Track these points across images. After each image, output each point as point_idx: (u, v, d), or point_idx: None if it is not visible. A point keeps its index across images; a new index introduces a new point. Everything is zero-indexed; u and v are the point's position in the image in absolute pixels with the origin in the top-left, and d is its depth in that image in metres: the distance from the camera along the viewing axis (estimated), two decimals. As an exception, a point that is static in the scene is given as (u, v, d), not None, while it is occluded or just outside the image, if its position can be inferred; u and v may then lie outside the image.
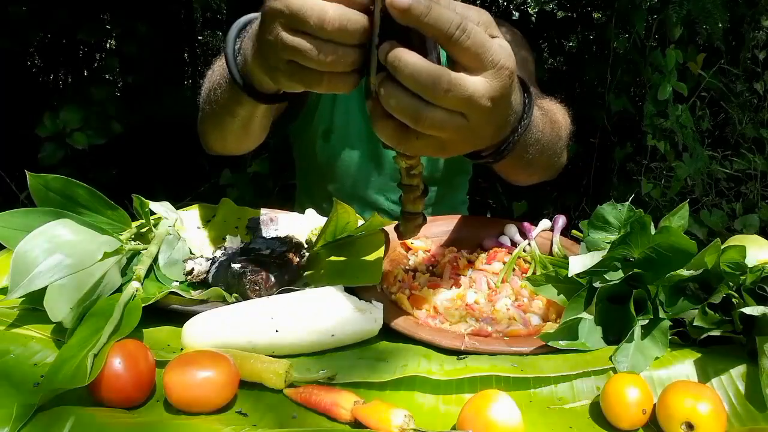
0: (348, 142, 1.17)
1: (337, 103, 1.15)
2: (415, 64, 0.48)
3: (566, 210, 2.32)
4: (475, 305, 0.74)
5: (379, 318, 0.64)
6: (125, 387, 0.53)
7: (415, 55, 0.49)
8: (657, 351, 0.61)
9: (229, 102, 0.75)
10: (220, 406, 0.54)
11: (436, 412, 0.56)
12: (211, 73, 0.85)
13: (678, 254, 0.64)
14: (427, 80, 0.48)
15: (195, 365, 0.53)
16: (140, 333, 0.63)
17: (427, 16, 0.47)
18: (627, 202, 0.73)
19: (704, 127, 2.04)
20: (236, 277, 0.69)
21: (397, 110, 0.51)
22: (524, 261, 0.83)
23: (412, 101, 0.50)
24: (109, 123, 1.86)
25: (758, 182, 1.97)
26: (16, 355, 0.60)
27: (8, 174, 1.96)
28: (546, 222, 0.89)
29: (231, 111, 0.77)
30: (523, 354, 0.63)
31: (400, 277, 0.78)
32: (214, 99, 0.81)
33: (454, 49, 0.49)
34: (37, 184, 0.72)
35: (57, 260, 0.63)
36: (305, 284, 0.73)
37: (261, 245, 0.74)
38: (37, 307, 0.62)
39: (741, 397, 0.58)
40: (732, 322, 0.62)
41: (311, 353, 0.63)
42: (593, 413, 0.57)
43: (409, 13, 0.47)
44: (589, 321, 0.65)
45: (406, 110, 0.50)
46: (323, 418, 0.54)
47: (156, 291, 0.68)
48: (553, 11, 2.76)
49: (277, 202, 2.04)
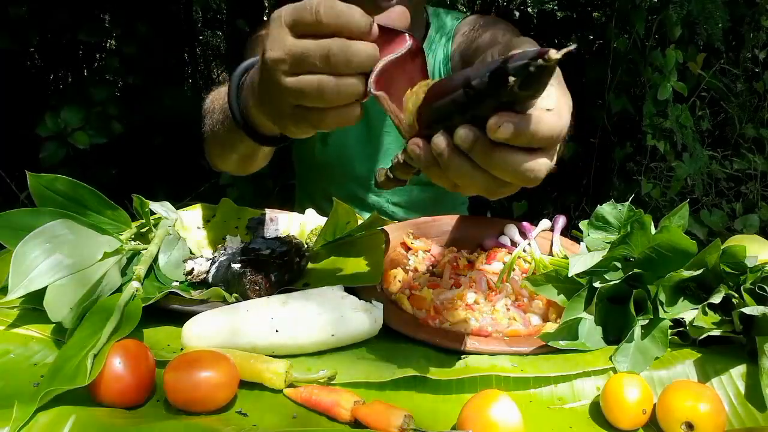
0: (346, 145, 1.16)
1: None
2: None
3: (566, 210, 2.32)
4: (475, 305, 0.74)
5: (379, 318, 0.64)
6: (125, 387, 0.53)
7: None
8: (657, 351, 0.61)
9: (232, 140, 0.76)
10: (220, 406, 0.54)
11: (436, 412, 0.56)
12: (211, 105, 0.85)
13: (678, 254, 0.64)
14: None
15: (195, 365, 0.53)
16: (140, 333, 0.63)
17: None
18: (627, 202, 0.73)
19: (704, 127, 2.04)
20: (236, 277, 0.69)
21: (508, 172, 0.45)
22: (524, 261, 0.83)
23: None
24: (109, 123, 1.86)
25: (758, 182, 1.97)
26: (16, 355, 0.60)
27: (8, 174, 1.96)
28: (546, 222, 0.89)
29: (234, 147, 0.79)
30: (523, 354, 0.63)
31: (400, 277, 0.78)
32: (216, 130, 0.82)
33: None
34: (37, 184, 0.72)
35: (57, 260, 0.63)
36: (305, 284, 0.73)
37: (261, 245, 0.74)
38: (37, 307, 0.62)
39: (741, 397, 0.58)
40: (732, 322, 0.62)
41: (311, 353, 0.63)
42: (593, 413, 0.57)
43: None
44: (589, 321, 0.65)
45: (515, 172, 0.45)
46: (323, 418, 0.54)
47: (156, 291, 0.68)
48: (553, 11, 2.75)
49: (277, 202, 2.05)
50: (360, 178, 1.20)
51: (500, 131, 0.41)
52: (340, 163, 1.19)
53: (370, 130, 1.16)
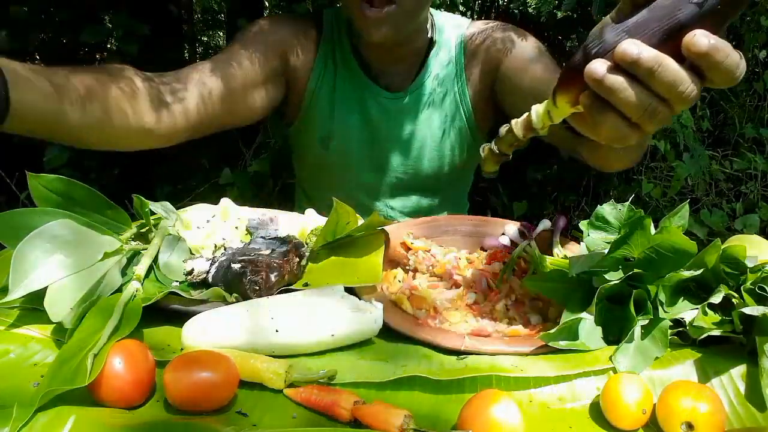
0: (348, 148, 1.15)
1: (336, 107, 1.14)
2: (670, 66, 0.48)
3: (566, 210, 2.32)
4: (475, 305, 0.74)
5: (379, 318, 0.64)
6: (125, 387, 0.53)
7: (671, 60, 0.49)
8: (657, 351, 0.61)
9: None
10: (220, 406, 0.54)
11: (436, 412, 0.56)
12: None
13: (678, 254, 0.64)
14: (674, 81, 0.49)
15: (195, 365, 0.53)
16: (140, 333, 0.63)
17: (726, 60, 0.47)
18: (627, 202, 0.73)
19: (704, 127, 2.04)
20: (236, 277, 0.69)
21: (635, 107, 0.50)
22: (524, 261, 0.83)
23: (651, 98, 0.50)
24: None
25: (758, 182, 1.97)
26: (16, 355, 0.60)
27: (8, 174, 1.96)
28: (546, 222, 0.89)
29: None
30: (523, 354, 0.63)
31: (400, 277, 0.78)
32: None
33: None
34: (37, 184, 0.72)
35: (57, 260, 0.63)
36: (305, 284, 0.73)
37: (261, 245, 0.74)
38: (37, 307, 0.62)
39: (741, 397, 0.58)
40: (732, 322, 0.62)
41: (311, 353, 0.63)
42: (593, 413, 0.57)
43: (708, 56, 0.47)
44: (589, 321, 0.65)
45: (647, 107, 0.50)
46: (323, 418, 0.54)
47: (156, 291, 0.68)
48: (553, 11, 2.75)
49: (277, 202, 2.05)
50: (360, 184, 1.19)
51: (700, 42, 0.46)
52: (340, 168, 1.18)
53: (374, 135, 1.15)
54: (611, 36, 0.50)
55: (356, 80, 1.13)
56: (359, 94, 1.13)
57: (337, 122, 1.14)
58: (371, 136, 1.15)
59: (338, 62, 1.13)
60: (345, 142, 1.15)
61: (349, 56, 1.12)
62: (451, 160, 1.18)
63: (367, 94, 1.13)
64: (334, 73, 1.13)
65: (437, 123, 1.15)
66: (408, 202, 1.22)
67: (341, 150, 1.16)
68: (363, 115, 1.14)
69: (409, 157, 1.17)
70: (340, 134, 1.15)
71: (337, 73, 1.13)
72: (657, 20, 0.48)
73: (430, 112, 1.14)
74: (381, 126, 1.14)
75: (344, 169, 1.18)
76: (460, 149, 1.18)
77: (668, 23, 0.47)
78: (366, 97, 1.13)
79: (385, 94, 1.13)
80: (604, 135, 0.53)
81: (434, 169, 1.18)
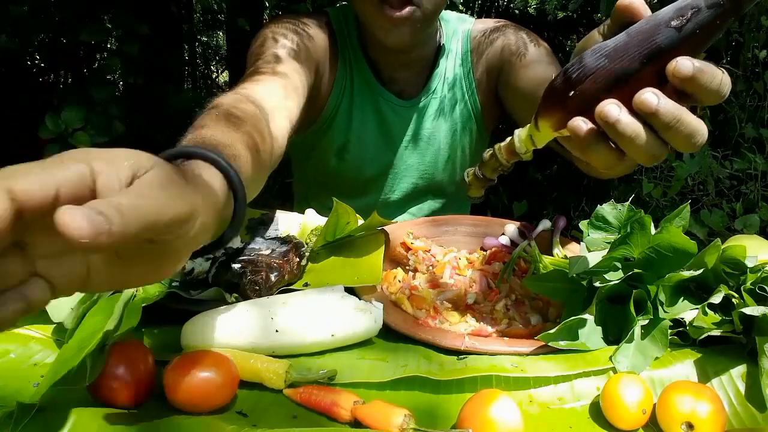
0: (364, 157, 1.14)
1: (353, 116, 1.11)
2: (686, 120, 0.48)
3: (566, 210, 2.32)
4: (475, 305, 0.74)
5: (379, 318, 0.64)
6: (125, 387, 0.53)
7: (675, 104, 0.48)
8: (657, 351, 0.61)
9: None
10: (220, 406, 0.54)
11: (436, 412, 0.56)
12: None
13: (678, 254, 0.64)
14: (691, 134, 0.48)
15: (195, 365, 0.53)
16: (140, 333, 0.63)
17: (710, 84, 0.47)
18: (627, 202, 0.73)
19: (704, 127, 2.03)
20: (236, 277, 0.69)
21: (643, 153, 0.49)
22: (524, 261, 0.83)
23: (661, 147, 0.49)
24: (111, 123, 1.86)
25: (758, 182, 1.97)
26: (16, 355, 0.60)
27: (8, 174, 1.95)
28: (546, 222, 0.89)
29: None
30: (523, 354, 0.63)
31: (400, 277, 0.78)
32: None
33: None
34: (37, 184, 0.72)
35: (57, 260, 0.63)
36: (305, 284, 0.73)
37: (261, 245, 0.74)
38: (38, 307, 0.62)
39: (741, 397, 0.58)
40: (732, 322, 0.62)
41: (311, 353, 0.63)
42: (593, 413, 0.57)
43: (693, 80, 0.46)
44: (589, 321, 0.65)
45: (655, 152, 0.49)
46: (323, 418, 0.54)
47: (156, 291, 0.68)
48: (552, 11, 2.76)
49: (277, 202, 2.05)
50: (372, 195, 1.18)
51: (684, 68, 0.46)
52: (354, 178, 1.16)
53: (390, 143, 1.14)
54: (591, 61, 0.48)
55: (371, 88, 1.11)
56: (374, 102, 1.12)
57: (354, 132, 1.12)
58: (387, 145, 1.14)
59: (354, 70, 1.11)
60: (361, 151, 1.14)
61: (362, 63, 1.10)
62: (463, 162, 1.18)
63: (381, 101, 1.12)
64: (351, 83, 1.11)
65: (450, 127, 1.15)
66: (423, 207, 1.22)
67: (357, 159, 1.14)
68: (379, 124, 1.13)
69: (426, 163, 1.17)
70: (357, 143, 1.13)
71: (354, 82, 1.11)
72: (636, 45, 0.47)
73: (443, 117, 1.14)
74: (397, 133, 1.14)
75: (357, 177, 1.17)
76: (471, 150, 1.18)
77: (648, 48, 0.47)
78: (381, 104, 1.12)
79: (398, 101, 1.12)
80: (594, 161, 0.51)
81: (449, 173, 1.18)
